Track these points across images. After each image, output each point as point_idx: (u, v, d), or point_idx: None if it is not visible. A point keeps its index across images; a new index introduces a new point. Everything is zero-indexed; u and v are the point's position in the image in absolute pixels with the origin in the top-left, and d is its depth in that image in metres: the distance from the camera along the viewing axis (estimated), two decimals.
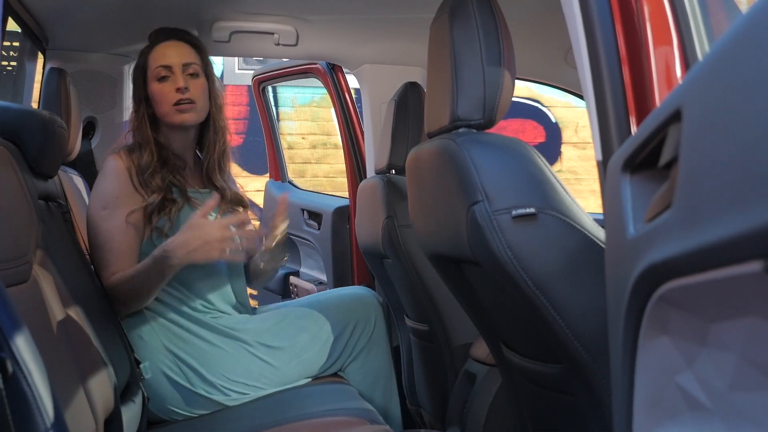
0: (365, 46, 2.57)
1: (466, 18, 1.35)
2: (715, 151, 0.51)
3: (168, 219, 1.90)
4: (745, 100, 0.47)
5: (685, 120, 0.57)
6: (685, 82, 0.60)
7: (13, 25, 1.98)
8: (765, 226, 0.43)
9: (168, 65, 1.97)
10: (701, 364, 0.67)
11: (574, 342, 1.21)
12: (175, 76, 1.97)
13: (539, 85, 3.26)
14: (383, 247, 2.15)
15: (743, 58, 0.49)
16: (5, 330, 0.96)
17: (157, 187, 1.91)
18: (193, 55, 2.02)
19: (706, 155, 0.53)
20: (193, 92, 1.98)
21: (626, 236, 0.75)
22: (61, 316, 1.42)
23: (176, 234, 1.81)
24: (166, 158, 1.97)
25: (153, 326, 1.92)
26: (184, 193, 1.96)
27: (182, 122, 1.98)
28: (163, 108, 1.96)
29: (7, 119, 1.48)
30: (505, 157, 1.27)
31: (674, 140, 0.60)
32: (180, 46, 2.02)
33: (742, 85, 0.48)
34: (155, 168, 1.93)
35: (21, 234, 1.34)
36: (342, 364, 2.09)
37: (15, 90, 2.23)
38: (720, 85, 0.52)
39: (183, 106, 1.96)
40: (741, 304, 0.54)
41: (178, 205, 1.93)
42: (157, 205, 1.90)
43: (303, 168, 5.49)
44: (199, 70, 2.01)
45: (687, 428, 0.72)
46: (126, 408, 1.64)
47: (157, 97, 1.97)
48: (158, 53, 1.99)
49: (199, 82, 2.01)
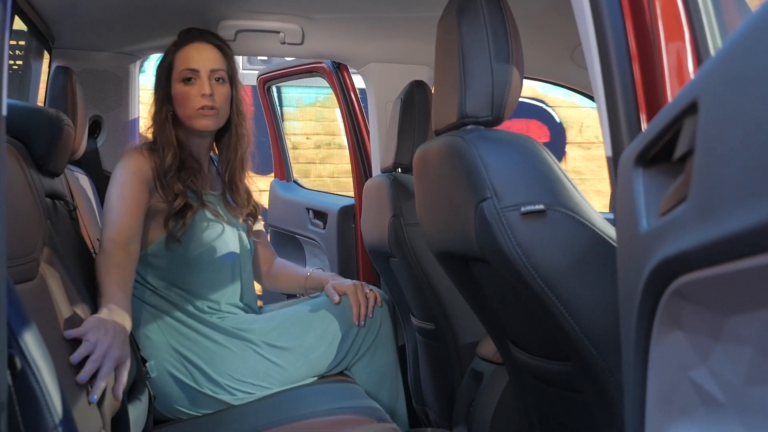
0: (371, 45, 2.57)
1: (474, 15, 1.35)
2: (731, 142, 0.51)
3: (183, 224, 1.90)
4: (761, 92, 0.47)
5: (701, 111, 0.57)
6: (700, 74, 0.59)
7: (20, 24, 1.98)
8: None
9: (196, 69, 1.97)
10: (715, 359, 0.66)
11: (584, 339, 1.21)
12: (202, 81, 1.96)
13: (544, 84, 3.25)
14: (389, 246, 2.14)
15: (760, 50, 0.48)
16: (14, 327, 0.96)
17: (180, 191, 1.91)
18: (221, 60, 2.01)
19: (722, 147, 0.52)
20: (218, 99, 1.98)
21: (639, 231, 0.74)
22: (68, 313, 1.42)
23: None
24: (184, 161, 1.97)
25: (159, 325, 1.92)
26: (200, 197, 1.97)
27: (203, 128, 1.98)
28: (186, 111, 1.96)
29: (14, 117, 1.48)
30: (514, 154, 1.26)
31: (690, 132, 0.60)
32: (209, 49, 2.01)
33: (758, 77, 0.47)
34: (175, 171, 1.93)
35: (28, 231, 1.35)
36: (348, 363, 2.09)
37: (21, 89, 2.23)
38: (737, 76, 0.52)
39: (205, 112, 1.96)
40: (757, 296, 0.53)
41: (194, 210, 1.93)
42: (179, 210, 1.90)
43: (307, 168, 5.49)
44: (225, 77, 2.01)
45: (700, 424, 0.71)
46: (132, 406, 1.64)
47: (180, 99, 1.97)
48: (187, 54, 1.99)
49: (224, 89, 2.00)
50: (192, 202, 1.94)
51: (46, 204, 1.52)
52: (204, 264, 1.95)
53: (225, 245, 1.99)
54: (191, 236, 1.93)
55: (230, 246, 2.01)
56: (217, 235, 1.98)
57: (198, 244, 1.94)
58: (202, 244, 1.94)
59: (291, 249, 3.38)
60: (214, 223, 1.98)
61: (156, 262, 1.92)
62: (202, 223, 1.95)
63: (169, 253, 1.91)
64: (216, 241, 1.97)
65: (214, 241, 1.97)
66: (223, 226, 2.01)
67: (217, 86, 1.99)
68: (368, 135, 2.86)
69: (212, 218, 1.98)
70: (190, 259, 1.93)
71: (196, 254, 1.94)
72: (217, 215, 2.01)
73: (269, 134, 3.55)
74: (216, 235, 1.98)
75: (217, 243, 1.97)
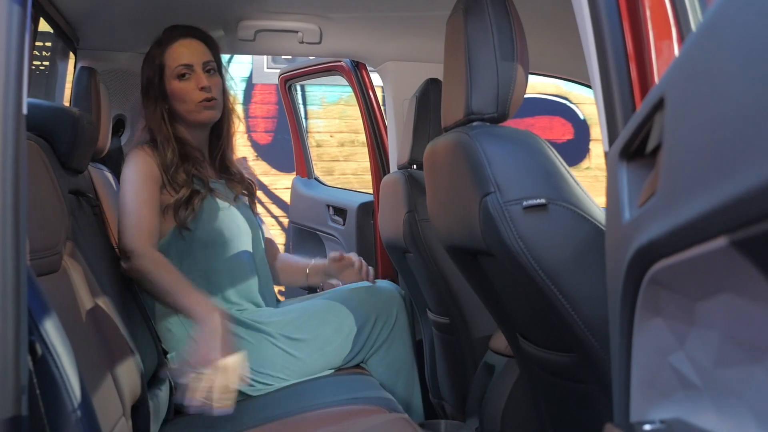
0: (388, 44, 2.61)
1: (479, 14, 1.38)
2: (689, 135, 0.54)
3: (192, 210, 1.95)
4: (710, 87, 0.50)
5: (666, 107, 0.60)
6: (667, 72, 0.63)
7: (46, 26, 2.04)
8: (726, 203, 0.46)
9: (189, 64, 2.03)
10: (691, 343, 0.69)
11: (585, 331, 1.24)
12: (197, 75, 2.03)
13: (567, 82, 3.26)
14: (405, 241, 2.18)
15: (710, 47, 0.51)
16: (35, 315, 1.01)
17: (184, 181, 1.97)
18: (209, 53, 2.08)
19: (682, 140, 0.56)
20: (214, 90, 2.05)
21: (622, 222, 0.78)
22: (90, 305, 1.47)
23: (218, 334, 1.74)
24: (187, 153, 2.03)
25: (180, 318, 1.96)
26: (206, 184, 2.02)
27: (207, 119, 2.05)
28: (188, 106, 2.02)
29: (38, 116, 1.53)
30: (517, 149, 1.30)
31: (659, 127, 0.63)
32: (197, 44, 2.08)
33: (710, 71, 0.51)
34: (177, 164, 1.99)
35: (52, 226, 1.40)
36: (364, 356, 2.13)
37: (48, 89, 2.30)
38: (695, 72, 0.55)
39: (207, 104, 2.02)
40: (717, 281, 0.56)
41: (201, 196, 1.98)
42: (185, 199, 1.95)
43: (331, 166, 5.53)
44: (215, 67, 2.09)
45: (680, 407, 0.74)
46: (153, 395, 1.69)
47: (179, 96, 2.02)
48: (176, 52, 2.05)
49: (217, 79, 2.08)
50: (199, 189, 2.00)
51: (70, 200, 1.57)
52: (219, 247, 2.01)
53: (237, 228, 2.05)
54: (203, 222, 1.99)
55: (242, 229, 2.07)
56: (228, 219, 2.04)
57: (210, 230, 2.00)
58: (213, 228, 2.00)
59: (312, 245, 3.43)
60: (224, 208, 2.04)
61: (171, 252, 1.98)
62: (212, 208, 2.01)
63: (183, 242, 1.96)
64: (228, 224, 2.03)
65: (226, 224, 2.02)
66: (233, 209, 2.07)
67: (211, 77, 2.05)
68: (386, 132, 2.90)
69: (222, 203, 2.04)
70: (205, 244, 1.99)
71: (210, 239, 1.99)
72: (227, 200, 2.07)
73: (290, 132, 3.60)
74: (228, 219, 2.03)
75: (229, 226, 2.03)
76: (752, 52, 0.47)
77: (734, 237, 0.47)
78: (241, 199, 2.15)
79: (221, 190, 2.09)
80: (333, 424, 1.59)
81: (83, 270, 1.51)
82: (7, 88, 0.94)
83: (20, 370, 0.92)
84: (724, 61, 0.48)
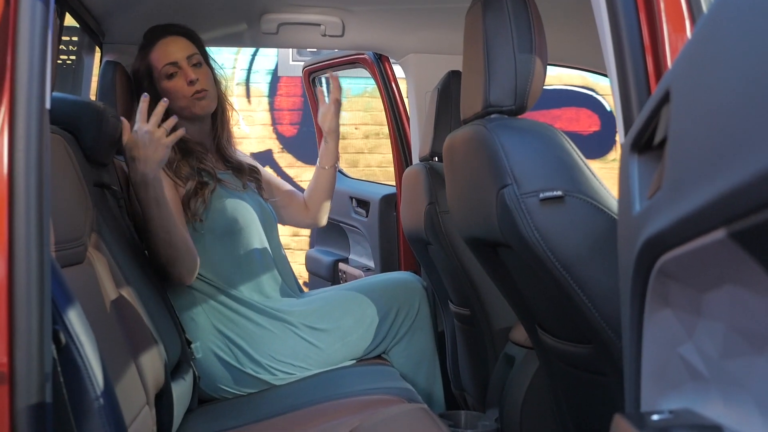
0: (410, 36, 2.61)
1: (498, 7, 1.39)
2: (692, 128, 0.55)
3: (202, 201, 1.98)
4: (712, 79, 0.50)
5: (672, 100, 0.60)
6: (673, 65, 0.63)
7: (72, 21, 2.07)
8: (725, 195, 0.47)
9: (174, 61, 2.05)
10: (699, 334, 0.70)
11: (601, 322, 1.24)
12: (184, 70, 2.04)
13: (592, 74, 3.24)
14: (426, 233, 2.19)
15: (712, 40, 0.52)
16: (59, 305, 1.04)
17: (189, 174, 2.00)
18: (192, 46, 2.10)
19: (686, 132, 0.56)
20: (203, 81, 2.06)
21: (632, 214, 0.78)
22: (114, 295, 1.50)
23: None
24: (188, 148, 2.05)
25: (204, 308, 2.00)
26: (214, 175, 2.05)
27: (203, 111, 2.07)
28: (182, 102, 2.04)
29: (63, 110, 1.56)
30: (534, 142, 1.30)
31: (666, 120, 0.63)
32: (179, 40, 2.09)
33: (710, 66, 0.51)
34: (179, 160, 2.01)
35: (76, 218, 1.43)
36: (386, 346, 2.15)
37: (74, 83, 2.33)
38: (698, 64, 0.55)
39: (199, 95, 2.04)
40: (720, 272, 0.57)
41: (210, 187, 2.01)
42: (193, 190, 1.98)
43: (356, 158, 5.54)
44: (200, 60, 2.10)
45: (689, 398, 0.75)
46: (176, 385, 1.72)
47: (171, 94, 2.03)
48: (160, 52, 2.06)
49: (204, 70, 2.09)
50: (207, 180, 2.02)
51: (95, 192, 1.60)
52: (234, 235, 2.03)
53: (250, 216, 2.07)
54: (215, 213, 2.01)
55: (255, 216, 2.09)
56: (241, 207, 2.06)
57: (223, 219, 2.02)
58: (226, 218, 2.02)
59: (335, 237, 3.45)
60: (234, 197, 2.06)
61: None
62: (222, 198, 2.03)
63: (197, 235, 1.99)
64: (241, 212, 2.05)
65: (240, 212, 2.05)
66: (244, 197, 2.09)
67: (198, 70, 2.07)
68: (409, 124, 2.90)
69: (232, 192, 2.07)
70: (219, 235, 2.01)
71: (224, 229, 2.01)
72: (236, 188, 2.09)
73: (314, 124, 3.61)
74: (240, 208, 2.05)
75: (243, 214, 2.05)
76: (752, 43, 0.47)
77: (732, 228, 0.48)
78: (249, 187, 2.17)
79: (230, 180, 2.11)
80: (353, 414, 1.61)
81: (107, 261, 1.54)
82: (31, 83, 0.97)
83: (44, 358, 0.95)
84: (725, 53, 0.49)
